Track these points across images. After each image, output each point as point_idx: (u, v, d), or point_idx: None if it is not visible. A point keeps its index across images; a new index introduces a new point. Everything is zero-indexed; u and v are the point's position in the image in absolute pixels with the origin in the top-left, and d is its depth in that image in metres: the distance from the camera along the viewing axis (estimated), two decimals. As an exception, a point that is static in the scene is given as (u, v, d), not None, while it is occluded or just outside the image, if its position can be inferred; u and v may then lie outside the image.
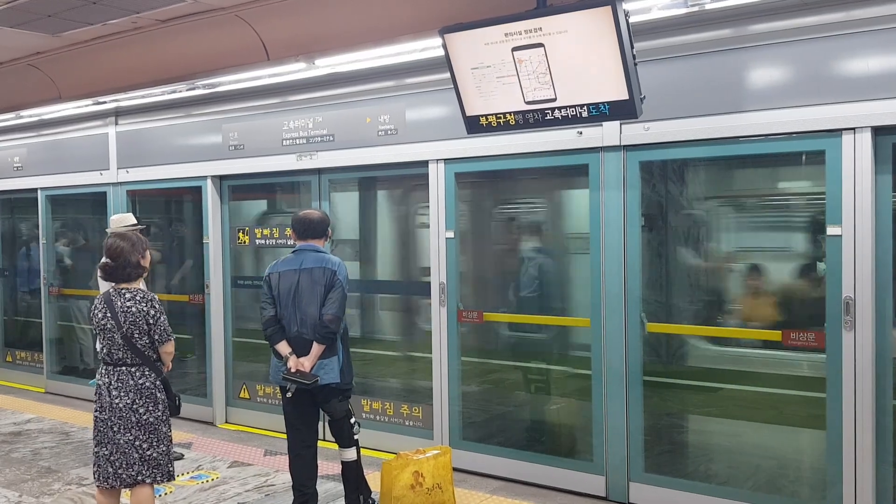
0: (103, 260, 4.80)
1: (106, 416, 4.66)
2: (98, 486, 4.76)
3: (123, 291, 4.75)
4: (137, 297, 4.72)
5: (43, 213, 9.94)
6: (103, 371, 4.75)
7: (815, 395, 5.17)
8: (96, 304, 4.79)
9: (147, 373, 4.73)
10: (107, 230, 6.98)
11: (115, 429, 4.64)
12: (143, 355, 4.71)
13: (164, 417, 4.78)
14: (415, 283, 7.63)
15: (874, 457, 4.81)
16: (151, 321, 4.71)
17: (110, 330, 4.67)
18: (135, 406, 4.65)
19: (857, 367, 4.81)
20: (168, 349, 4.83)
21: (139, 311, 4.68)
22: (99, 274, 4.86)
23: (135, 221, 6.94)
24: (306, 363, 5.14)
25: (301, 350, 5.20)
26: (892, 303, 4.82)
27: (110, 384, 4.67)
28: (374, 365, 7.98)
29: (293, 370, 5.13)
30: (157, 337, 4.74)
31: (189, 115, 8.23)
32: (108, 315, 4.68)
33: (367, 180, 7.91)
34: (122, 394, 4.65)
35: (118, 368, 4.69)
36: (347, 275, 5.34)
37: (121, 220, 6.95)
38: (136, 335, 4.68)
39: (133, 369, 4.70)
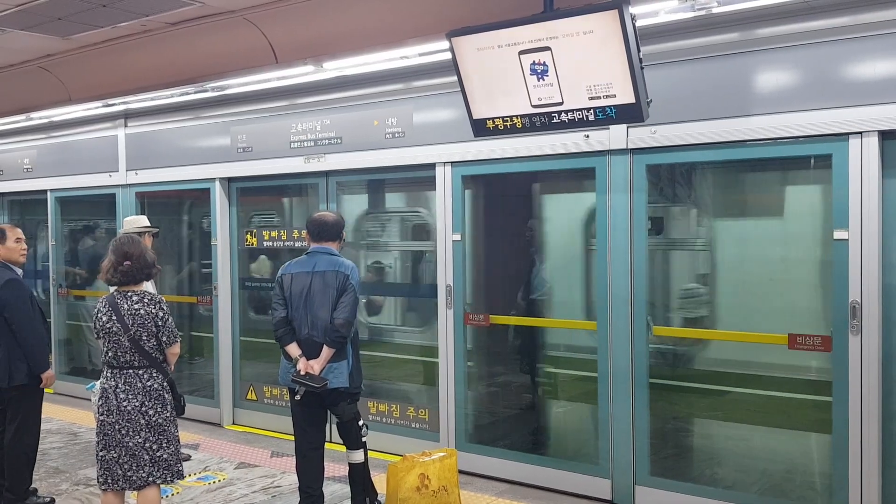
0: (125, 263, 4.71)
1: (113, 420, 4.65)
2: (104, 489, 4.76)
3: (130, 294, 4.75)
4: (146, 300, 4.73)
5: (52, 214, 9.99)
6: (108, 374, 4.74)
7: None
8: (99, 308, 4.77)
9: (155, 374, 4.74)
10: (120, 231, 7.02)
11: (124, 432, 4.64)
12: (151, 357, 4.72)
13: (172, 418, 4.79)
14: (423, 286, 7.66)
15: (880, 461, 4.80)
16: (161, 323, 4.72)
17: (116, 333, 4.67)
18: (144, 408, 4.66)
19: (864, 371, 4.80)
20: (175, 350, 4.86)
21: (148, 314, 4.69)
22: (111, 278, 4.78)
23: (147, 224, 6.97)
24: (316, 366, 5.15)
25: (311, 352, 5.20)
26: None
27: (117, 387, 4.67)
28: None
29: (303, 373, 5.14)
30: (165, 339, 4.76)
31: (198, 117, 8.27)
32: (114, 318, 4.68)
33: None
34: (130, 396, 4.66)
35: (125, 371, 4.70)
36: (360, 279, 5.34)
37: (134, 221, 6.99)
38: (145, 337, 4.68)
39: (140, 371, 4.70)
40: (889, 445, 4.83)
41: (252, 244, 8.01)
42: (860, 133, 4.76)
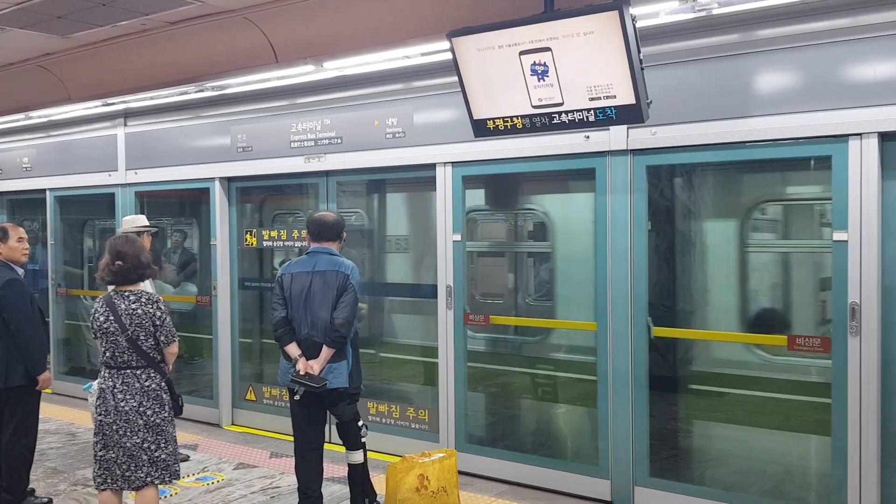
0: (116, 263, 4.72)
1: (111, 420, 4.65)
2: (101, 489, 4.75)
3: (127, 294, 4.74)
4: (143, 299, 4.73)
5: (51, 213, 9.98)
6: (106, 374, 4.74)
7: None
8: (97, 308, 4.76)
9: (152, 374, 4.73)
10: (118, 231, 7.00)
11: (122, 432, 4.64)
12: (148, 357, 4.71)
13: (170, 418, 4.79)
14: (423, 287, 7.63)
15: (879, 463, 4.80)
16: (158, 322, 4.72)
17: (113, 333, 4.66)
18: (141, 408, 4.65)
19: (863, 372, 4.80)
20: (173, 350, 4.85)
21: (145, 314, 4.69)
22: (104, 277, 4.79)
23: (147, 223, 6.94)
24: (315, 366, 5.14)
25: (311, 352, 5.19)
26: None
27: (115, 387, 4.67)
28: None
29: (302, 373, 5.13)
30: (162, 338, 4.75)
31: (197, 116, 8.26)
32: (111, 318, 4.67)
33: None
34: (127, 397, 4.65)
35: (122, 371, 4.69)
36: (360, 279, 5.33)
37: (132, 221, 6.97)
38: (142, 337, 4.68)
39: (138, 372, 4.70)
40: (888, 447, 4.83)
41: (252, 244, 8.00)
42: (860, 135, 4.76)
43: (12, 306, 5.58)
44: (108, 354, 4.72)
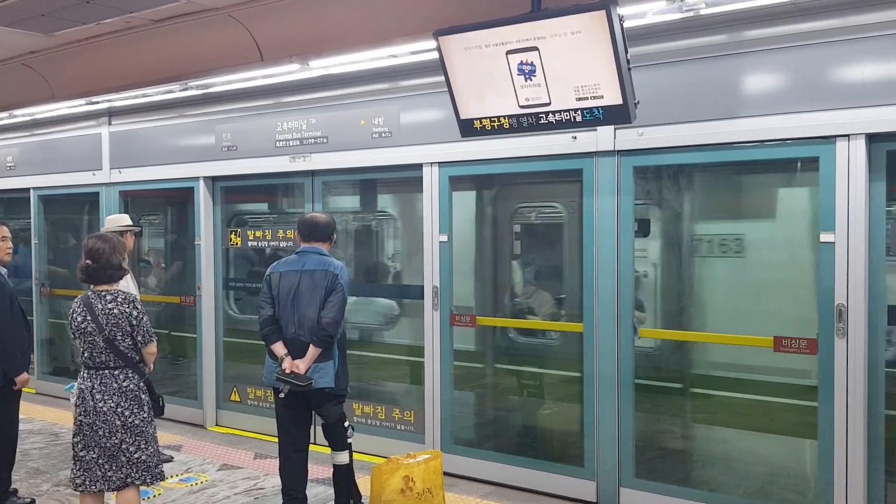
0: (84, 262, 4.71)
1: (90, 420, 4.61)
2: (81, 491, 4.71)
3: (104, 293, 4.70)
4: (119, 299, 4.68)
5: (35, 213, 9.89)
6: (85, 375, 4.70)
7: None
8: (75, 308, 4.73)
9: (130, 375, 4.69)
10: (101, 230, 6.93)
11: (101, 433, 4.59)
12: (126, 357, 4.67)
13: (150, 419, 4.75)
14: (412, 287, 7.60)
15: (865, 465, 4.79)
16: (134, 322, 4.67)
17: (91, 333, 4.63)
18: (119, 409, 4.61)
19: (850, 374, 4.80)
20: (151, 350, 4.80)
21: (121, 313, 4.64)
22: (79, 276, 4.78)
23: (130, 223, 6.88)
24: (301, 365, 5.11)
25: (297, 352, 5.16)
26: (886, 310, 4.80)
27: (93, 388, 4.63)
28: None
29: (288, 371, 5.10)
30: (139, 338, 4.70)
31: (182, 115, 8.20)
32: (89, 318, 4.63)
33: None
34: (105, 397, 4.61)
35: (101, 372, 4.65)
36: (349, 279, 5.30)
37: (115, 220, 6.90)
38: (119, 337, 4.64)
39: (116, 372, 4.66)
40: (874, 448, 4.83)
41: (236, 244, 7.95)
42: (847, 136, 4.75)
43: None
44: (86, 355, 4.69)
